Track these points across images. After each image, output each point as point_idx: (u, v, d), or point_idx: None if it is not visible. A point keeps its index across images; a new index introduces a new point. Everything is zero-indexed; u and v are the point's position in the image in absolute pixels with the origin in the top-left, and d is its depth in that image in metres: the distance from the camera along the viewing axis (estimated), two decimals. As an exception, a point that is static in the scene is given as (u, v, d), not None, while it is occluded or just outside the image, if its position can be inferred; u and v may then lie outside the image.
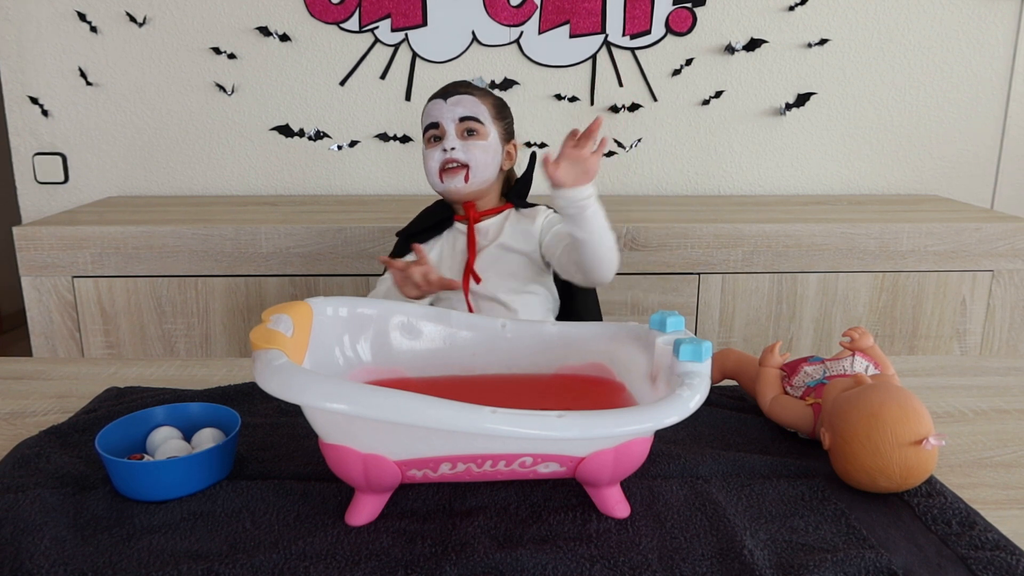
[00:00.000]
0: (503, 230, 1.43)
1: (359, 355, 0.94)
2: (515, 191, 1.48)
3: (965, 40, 2.43)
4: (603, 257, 1.26)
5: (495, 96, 1.46)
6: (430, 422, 0.70)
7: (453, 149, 1.37)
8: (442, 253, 1.44)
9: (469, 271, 1.39)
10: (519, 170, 1.52)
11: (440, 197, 1.49)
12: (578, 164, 1.18)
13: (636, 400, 0.88)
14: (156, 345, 2.00)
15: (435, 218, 1.47)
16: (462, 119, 1.38)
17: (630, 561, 0.74)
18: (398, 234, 1.53)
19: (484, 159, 1.39)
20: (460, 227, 1.44)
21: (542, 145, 2.42)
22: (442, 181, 1.39)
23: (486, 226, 1.44)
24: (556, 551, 0.74)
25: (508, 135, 1.46)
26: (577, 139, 1.18)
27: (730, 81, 2.42)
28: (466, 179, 1.38)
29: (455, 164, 1.38)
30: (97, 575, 0.71)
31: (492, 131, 1.40)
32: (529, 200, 1.49)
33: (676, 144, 2.46)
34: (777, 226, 2.00)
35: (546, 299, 1.44)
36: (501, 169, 1.44)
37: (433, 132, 1.41)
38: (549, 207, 1.48)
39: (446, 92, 1.42)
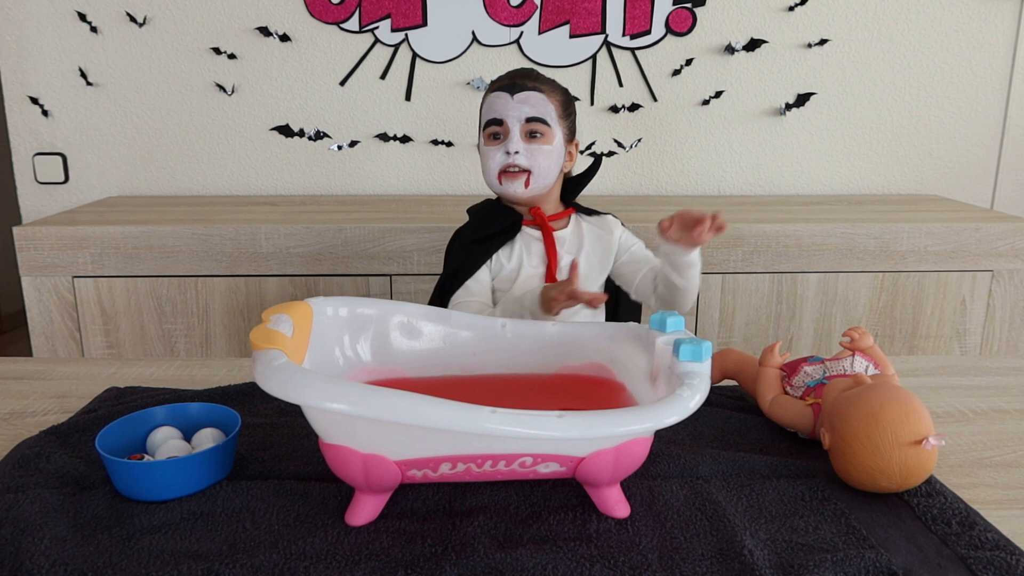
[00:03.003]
0: (583, 241, 1.37)
1: (359, 355, 0.94)
2: (570, 192, 1.42)
3: (965, 40, 2.43)
4: (692, 299, 1.30)
5: (562, 90, 1.37)
6: (430, 422, 0.70)
7: (516, 153, 1.30)
8: (521, 262, 1.35)
9: (552, 282, 1.32)
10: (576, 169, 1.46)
11: (492, 196, 1.43)
12: (689, 236, 1.19)
13: (636, 400, 0.88)
14: (156, 345, 2.00)
15: (503, 221, 1.36)
16: (528, 120, 1.30)
17: (630, 561, 0.74)
18: (458, 235, 1.42)
19: (547, 164, 1.31)
20: (532, 233, 1.37)
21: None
22: (501, 183, 1.33)
23: (560, 235, 1.37)
24: (556, 551, 0.74)
25: (571, 134, 1.38)
26: (693, 225, 1.17)
27: (730, 81, 2.42)
28: (527, 184, 1.32)
29: (516, 169, 1.31)
30: (97, 575, 0.71)
31: (557, 133, 1.32)
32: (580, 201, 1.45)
33: (676, 144, 2.46)
34: (777, 226, 2.00)
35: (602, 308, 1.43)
36: (561, 171, 1.37)
37: (495, 129, 1.33)
38: (615, 217, 1.43)
39: (513, 86, 1.32)
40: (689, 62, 2.39)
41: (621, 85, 2.40)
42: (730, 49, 2.38)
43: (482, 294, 1.35)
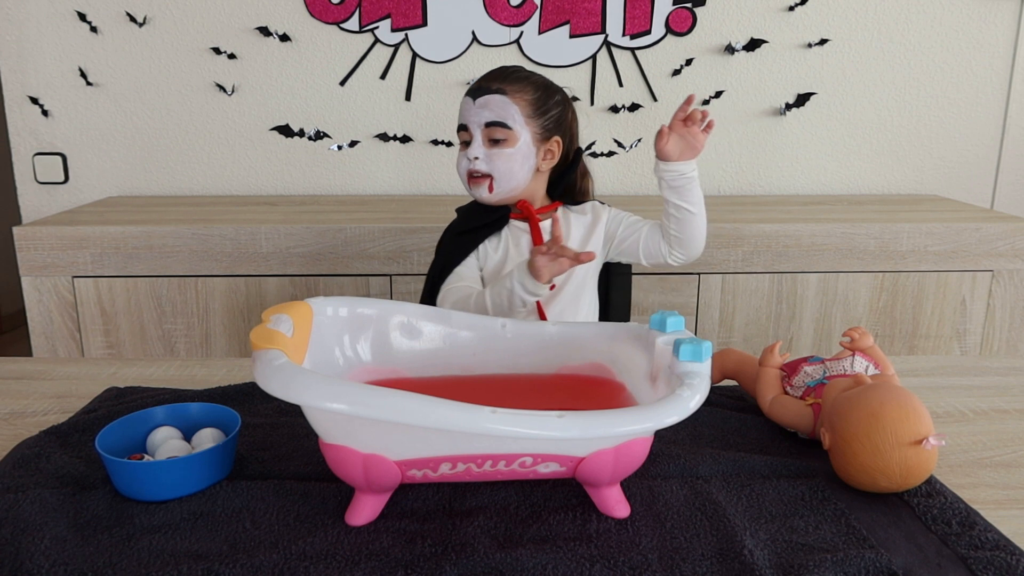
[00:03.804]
0: (570, 231, 1.38)
1: (359, 355, 0.94)
2: (558, 188, 1.42)
3: (965, 40, 2.43)
4: (703, 228, 1.33)
5: (535, 87, 1.35)
6: (430, 422, 0.69)
7: (477, 159, 1.32)
8: (508, 253, 1.37)
9: None
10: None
11: None
12: (686, 139, 1.26)
13: (636, 400, 0.88)
14: (156, 345, 2.00)
15: (491, 216, 1.38)
16: (488, 124, 1.31)
17: (630, 561, 0.73)
18: (447, 230, 1.44)
19: (509, 168, 1.32)
20: (519, 225, 1.38)
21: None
22: (470, 188, 1.36)
23: (546, 225, 1.38)
24: (556, 551, 0.74)
25: (548, 132, 1.35)
26: (685, 118, 1.24)
27: (730, 81, 2.42)
28: (490, 189, 1.33)
29: (479, 174, 1.33)
30: (97, 575, 0.71)
31: (522, 135, 1.32)
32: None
33: (676, 144, 2.46)
34: (777, 226, 2.00)
35: (594, 299, 1.43)
36: (538, 170, 1.36)
37: (462, 135, 1.35)
38: (602, 203, 1.44)
39: (478, 90, 1.33)
40: (689, 62, 2.39)
41: (621, 85, 2.40)
42: (730, 49, 2.38)
43: (471, 279, 1.36)
